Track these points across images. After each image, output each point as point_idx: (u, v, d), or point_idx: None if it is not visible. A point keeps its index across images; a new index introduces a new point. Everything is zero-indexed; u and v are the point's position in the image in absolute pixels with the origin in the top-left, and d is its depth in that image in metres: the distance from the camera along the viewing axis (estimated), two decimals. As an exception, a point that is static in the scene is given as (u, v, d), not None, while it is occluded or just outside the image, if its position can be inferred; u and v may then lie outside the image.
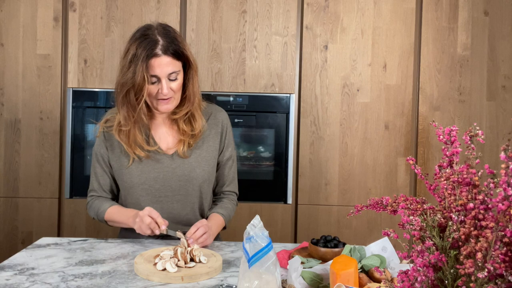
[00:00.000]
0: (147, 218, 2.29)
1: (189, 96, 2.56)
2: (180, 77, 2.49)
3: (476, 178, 1.22)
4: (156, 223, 2.30)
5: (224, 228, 2.70)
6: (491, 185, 1.16)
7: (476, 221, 1.17)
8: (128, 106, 2.47)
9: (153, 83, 2.43)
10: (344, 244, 2.14)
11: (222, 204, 2.72)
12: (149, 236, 2.56)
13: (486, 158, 3.98)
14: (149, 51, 2.39)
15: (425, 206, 1.30)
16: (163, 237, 2.56)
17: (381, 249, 2.04)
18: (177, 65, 2.46)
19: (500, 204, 1.10)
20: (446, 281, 1.22)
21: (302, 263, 1.96)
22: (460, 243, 1.21)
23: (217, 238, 2.76)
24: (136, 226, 2.35)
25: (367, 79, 4.02)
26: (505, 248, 1.10)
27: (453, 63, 4.03)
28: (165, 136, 2.62)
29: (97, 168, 2.68)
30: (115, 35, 3.98)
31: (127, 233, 2.64)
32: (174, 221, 2.59)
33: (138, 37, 2.45)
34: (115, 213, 2.56)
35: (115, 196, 2.74)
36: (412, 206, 1.31)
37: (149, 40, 2.42)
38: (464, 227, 1.18)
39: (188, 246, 2.18)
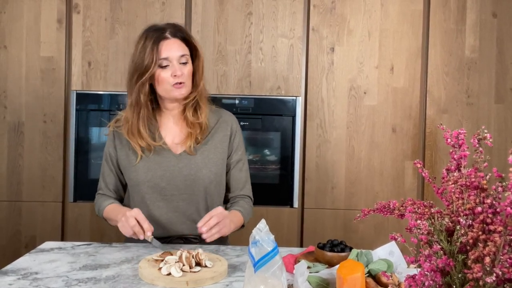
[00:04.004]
0: (132, 220, 2.26)
1: (196, 83, 2.62)
2: (190, 64, 2.57)
3: (484, 181, 1.20)
4: (142, 227, 2.28)
5: (243, 226, 2.66)
6: (500, 188, 1.15)
7: (484, 225, 1.15)
8: (137, 92, 2.54)
9: (164, 67, 2.50)
10: (351, 249, 2.12)
11: (238, 204, 2.69)
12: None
13: (494, 161, 3.96)
14: (159, 35, 2.51)
15: (432, 210, 1.28)
16: (168, 242, 2.57)
17: (388, 253, 2.02)
18: (186, 51, 2.55)
19: (508, 208, 1.09)
20: (454, 286, 1.21)
21: (308, 267, 1.94)
22: (468, 248, 1.19)
23: (226, 242, 2.77)
24: (119, 224, 2.31)
25: (374, 82, 4.01)
26: (514, 253, 1.09)
27: (461, 66, 4.01)
28: (172, 133, 2.64)
29: (105, 167, 2.73)
30: (119, 37, 3.97)
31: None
32: (180, 218, 2.60)
33: (147, 29, 2.58)
34: (110, 211, 2.57)
35: (121, 197, 2.76)
36: (419, 210, 1.30)
37: (157, 28, 2.57)
38: (472, 231, 1.17)
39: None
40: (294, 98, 4.00)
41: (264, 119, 3.97)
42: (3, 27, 3.97)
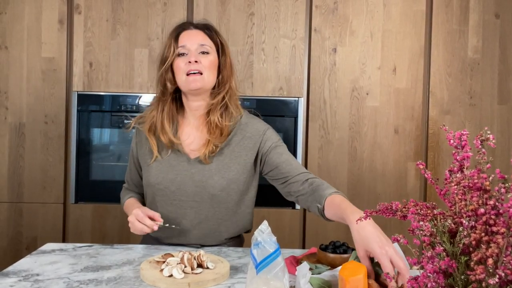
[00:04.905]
0: (138, 224, 2.31)
1: (222, 81, 2.57)
2: (213, 56, 2.52)
3: (487, 183, 1.20)
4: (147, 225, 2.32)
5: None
6: (502, 190, 1.14)
7: (487, 227, 1.15)
8: (161, 84, 2.57)
9: (181, 55, 2.50)
10: (353, 250, 2.12)
11: (322, 186, 2.38)
12: (157, 242, 2.58)
13: (497, 162, 3.95)
14: (181, 26, 2.57)
15: (435, 212, 1.28)
16: (171, 243, 2.57)
17: (390, 254, 2.02)
18: (209, 42, 2.52)
19: (511, 210, 1.08)
20: (457, 288, 1.20)
21: (310, 269, 1.93)
22: (471, 249, 1.19)
23: (242, 243, 2.77)
24: (131, 230, 2.37)
25: (376, 83, 4.00)
26: (517, 254, 1.08)
27: (464, 66, 4.00)
28: (191, 138, 2.58)
29: (130, 162, 2.77)
30: (121, 38, 3.97)
31: (150, 239, 2.64)
32: (187, 226, 2.55)
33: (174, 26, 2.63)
34: (126, 208, 2.64)
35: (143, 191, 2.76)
36: (422, 211, 1.29)
37: (182, 22, 2.63)
38: (475, 232, 1.16)
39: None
40: (296, 99, 3.99)
41: (266, 120, 3.88)
42: (4, 27, 3.97)
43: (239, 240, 2.75)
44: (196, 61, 2.45)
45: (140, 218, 2.31)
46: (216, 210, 2.55)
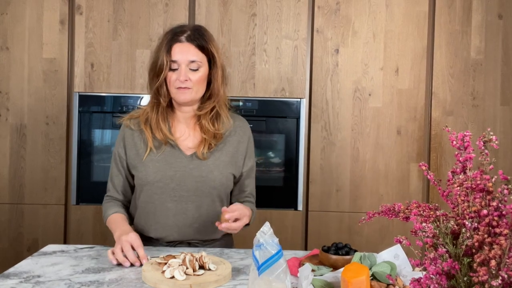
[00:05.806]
0: (131, 256, 2.21)
1: (213, 92, 2.61)
2: (203, 71, 2.55)
3: (490, 184, 1.19)
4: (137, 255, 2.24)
5: (247, 225, 2.59)
6: (505, 191, 1.14)
7: (490, 228, 1.15)
8: (155, 89, 2.57)
9: (173, 70, 2.51)
10: (355, 251, 2.11)
11: (246, 204, 2.66)
12: (156, 241, 2.58)
13: (500, 163, 3.94)
14: (174, 37, 2.53)
15: (438, 213, 1.27)
16: (170, 241, 2.58)
17: (393, 256, 2.01)
18: (200, 56, 2.53)
19: (514, 211, 1.08)
20: (460, 290, 1.20)
21: (312, 270, 1.93)
22: (474, 251, 1.18)
23: (231, 245, 2.78)
24: (116, 250, 2.25)
25: (379, 84, 3.99)
26: (520, 256, 1.08)
27: (467, 67, 3.99)
28: (185, 135, 2.62)
29: (113, 168, 2.71)
30: (122, 39, 3.96)
31: (147, 238, 2.63)
32: (187, 222, 2.57)
33: (169, 29, 2.63)
34: (111, 223, 2.55)
35: (129, 199, 2.72)
36: (424, 212, 1.29)
37: (177, 30, 2.58)
38: (477, 234, 1.16)
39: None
40: (299, 100, 3.98)
41: (268, 121, 3.96)
42: (5, 28, 3.96)
43: (232, 238, 2.80)
44: (186, 80, 2.50)
45: (136, 245, 2.24)
46: (216, 204, 2.59)
